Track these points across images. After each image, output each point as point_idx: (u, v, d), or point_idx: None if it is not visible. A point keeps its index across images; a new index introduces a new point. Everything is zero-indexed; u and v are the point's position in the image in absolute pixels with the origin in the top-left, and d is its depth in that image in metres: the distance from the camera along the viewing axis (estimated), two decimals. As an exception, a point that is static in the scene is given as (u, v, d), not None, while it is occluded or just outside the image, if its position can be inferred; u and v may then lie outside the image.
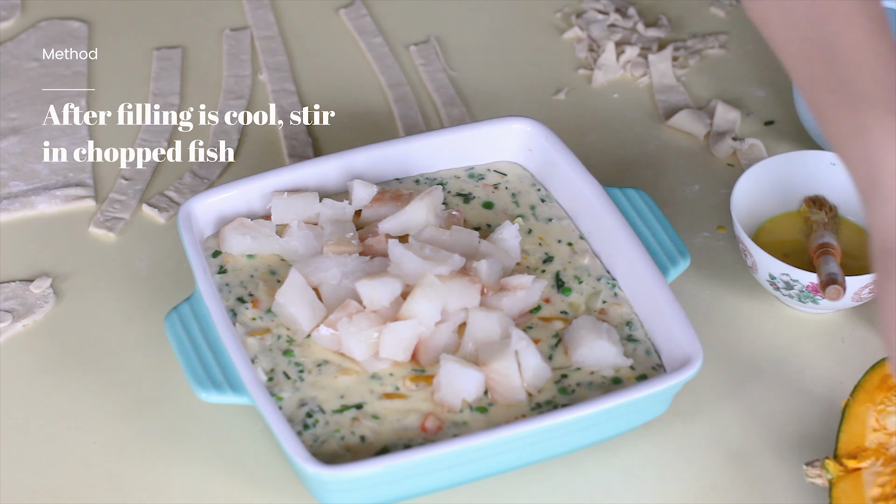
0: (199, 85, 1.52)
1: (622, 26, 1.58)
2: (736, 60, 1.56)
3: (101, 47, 1.56)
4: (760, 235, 1.33)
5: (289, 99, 1.50)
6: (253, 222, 1.26)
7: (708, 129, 1.47)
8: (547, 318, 1.22)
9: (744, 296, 1.31)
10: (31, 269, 1.33)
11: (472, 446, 1.10)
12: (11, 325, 1.28)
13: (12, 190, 1.40)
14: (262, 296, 1.22)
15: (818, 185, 1.35)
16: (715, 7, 1.62)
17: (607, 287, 1.24)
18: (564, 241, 1.28)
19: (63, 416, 1.21)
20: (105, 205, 1.39)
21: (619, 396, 1.13)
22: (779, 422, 1.22)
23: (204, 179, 1.41)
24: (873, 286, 1.23)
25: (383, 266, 1.21)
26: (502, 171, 1.34)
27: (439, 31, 1.58)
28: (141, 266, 1.33)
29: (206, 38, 1.57)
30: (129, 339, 1.27)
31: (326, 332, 1.18)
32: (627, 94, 1.52)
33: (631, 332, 1.21)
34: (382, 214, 1.27)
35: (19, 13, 1.59)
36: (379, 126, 1.47)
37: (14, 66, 1.52)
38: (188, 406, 1.21)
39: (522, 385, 1.16)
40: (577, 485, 1.17)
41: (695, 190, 1.41)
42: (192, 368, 1.15)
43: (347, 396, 1.16)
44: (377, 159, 1.31)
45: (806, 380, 1.25)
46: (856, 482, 1.12)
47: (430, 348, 1.17)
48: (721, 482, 1.18)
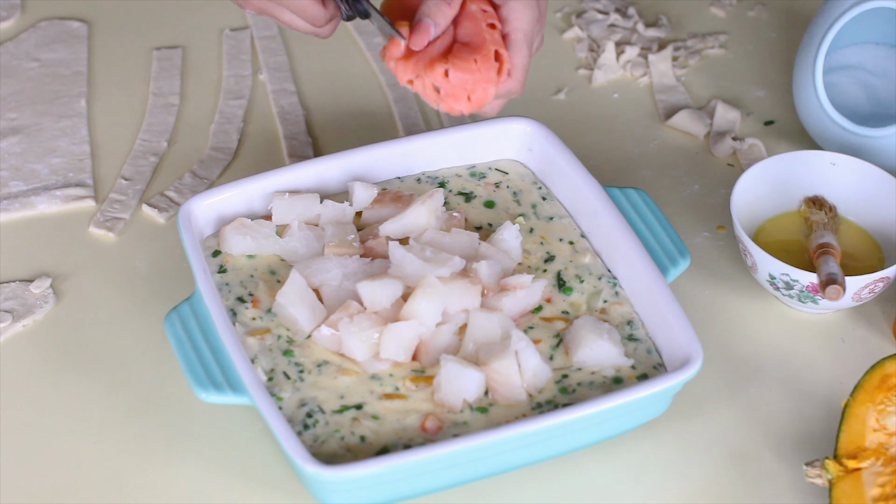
0: (199, 85, 1.52)
1: (622, 26, 1.58)
2: (736, 60, 1.56)
3: (101, 47, 1.56)
4: (760, 235, 1.33)
5: (289, 99, 1.50)
6: (253, 222, 1.26)
7: (708, 129, 1.47)
8: (548, 318, 1.22)
9: (744, 296, 1.31)
10: (31, 269, 1.33)
11: (472, 446, 1.10)
12: (11, 325, 1.28)
13: (12, 190, 1.40)
14: (262, 296, 1.22)
15: (818, 185, 1.35)
16: (715, 7, 1.62)
17: (608, 286, 1.24)
18: (566, 240, 1.28)
19: (63, 416, 1.21)
20: (105, 205, 1.39)
21: (619, 396, 1.13)
22: (779, 422, 1.22)
23: (204, 179, 1.41)
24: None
25: (384, 268, 1.21)
26: (504, 169, 1.34)
27: (439, 31, 1.58)
28: (141, 266, 1.33)
29: (206, 38, 1.57)
30: (129, 339, 1.27)
31: (327, 332, 1.18)
32: (627, 94, 1.52)
33: (632, 331, 1.21)
34: (383, 216, 1.27)
35: (19, 13, 1.59)
36: (379, 126, 1.47)
37: (14, 66, 1.52)
38: (188, 406, 1.21)
39: (522, 385, 1.16)
40: (578, 485, 1.17)
41: (695, 190, 1.41)
42: (192, 368, 1.15)
43: (347, 397, 1.16)
44: (377, 159, 1.31)
45: (806, 380, 1.25)
46: (856, 482, 1.12)
47: (431, 349, 1.18)
48: (721, 482, 1.18)
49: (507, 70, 1.15)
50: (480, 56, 1.14)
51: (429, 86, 1.14)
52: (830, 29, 1.38)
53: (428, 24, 1.14)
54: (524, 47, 1.17)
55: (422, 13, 1.15)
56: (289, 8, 1.19)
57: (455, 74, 1.13)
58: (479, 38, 1.15)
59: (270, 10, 1.20)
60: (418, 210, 1.25)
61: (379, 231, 1.25)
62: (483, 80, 1.14)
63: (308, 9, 1.19)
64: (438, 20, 1.14)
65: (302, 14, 1.19)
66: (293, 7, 1.19)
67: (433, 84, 1.14)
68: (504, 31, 1.17)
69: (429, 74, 1.14)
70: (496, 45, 1.15)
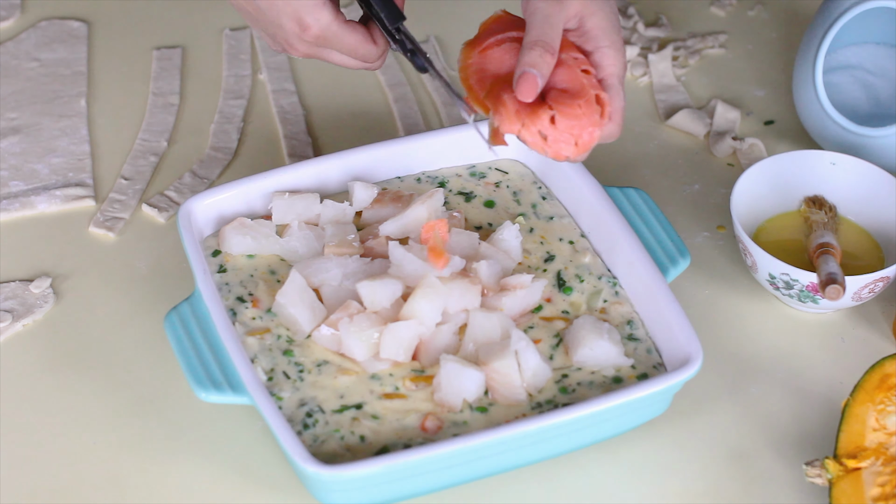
0: (199, 85, 1.52)
1: (622, 26, 1.58)
2: (736, 60, 1.56)
3: (101, 47, 1.56)
4: (760, 235, 1.33)
5: (289, 99, 1.50)
6: (253, 222, 1.26)
7: (708, 129, 1.47)
8: (548, 317, 1.22)
9: (744, 296, 1.31)
10: (30, 269, 1.33)
11: (472, 446, 1.10)
12: (11, 325, 1.28)
13: (12, 190, 1.40)
14: (261, 295, 1.22)
15: (818, 185, 1.35)
16: (715, 7, 1.62)
17: (608, 286, 1.24)
18: (566, 240, 1.28)
19: (63, 416, 1.21)
20: (105, 205, 1.39)
21: (619, 396, 1.13)
22: (779, 422, 1.22)
23: (204, 179, 1.41)
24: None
25: (384, 268, 1.21)
26: (504, 169, 1.34)
27: (439, 31, 1.58)
28: (141, 266, 1.33)
29: (206, 38, 1.57)
30: (129, 339, 1.27)
31: (327, 331, 1.18)
32: (627, 94, 1.51)
33: (632, 330, 1.21)
34: (383, 216, 1.27)
35: (19, 13, 1.59)
36: (379, 126, 1.47)
37: (14, 66, 1.52)
38: (188, 406, 1.21)
39: (522, 385, 1.16)
40: (577, 485, 1.17)
41: (695, 190, 1.41)
42: (191, 368, 1.15)
43: (347, 396, 1.16)
44: (377, 159, 1.31)
45: (806, 380, 1.25)
46: (855, 482, 1.12)
47: (431, 349, 1.18)
48: (721, 482, 1.18)
49: (609, 114, 1.16)
50: (583, 101, 1.14)
51: (535, 133, 1.14)
52: (830, 29, 1.38)
53: (534, 76, 1.13)
54: (620, 90, 1.17)
55: (525, 64, 1.14)
56: (340, 50, 1.19)
57: (562, 121, 1.13)
58: (577, 83, 1.15)
59: (320, 54, 1.20)
60: (418, 210, 1.25)
61: (379, 231, 1.25)
62: (588, 124, 1.14)
63: (360, 49, 1.19)
64: (543, 70, 1.14)
65: (354, 54, 1.19)
66: (345, 49, 1.19)
67: (539, 131, 1.14)
68: (599, 76, 1.17)
69: (535, 122, 1.13)
70: (595, 89, 1.15)
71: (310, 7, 1.16)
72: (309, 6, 1.16)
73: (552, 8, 1.16)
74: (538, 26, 1.15)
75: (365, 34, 1.19)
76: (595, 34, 1.17)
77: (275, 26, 1.18)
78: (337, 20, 1.17)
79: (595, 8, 1.17)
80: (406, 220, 1.25)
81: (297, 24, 1.17)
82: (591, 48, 1.17)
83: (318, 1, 1.16)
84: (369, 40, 1.19)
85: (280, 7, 1.17)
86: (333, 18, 1.17)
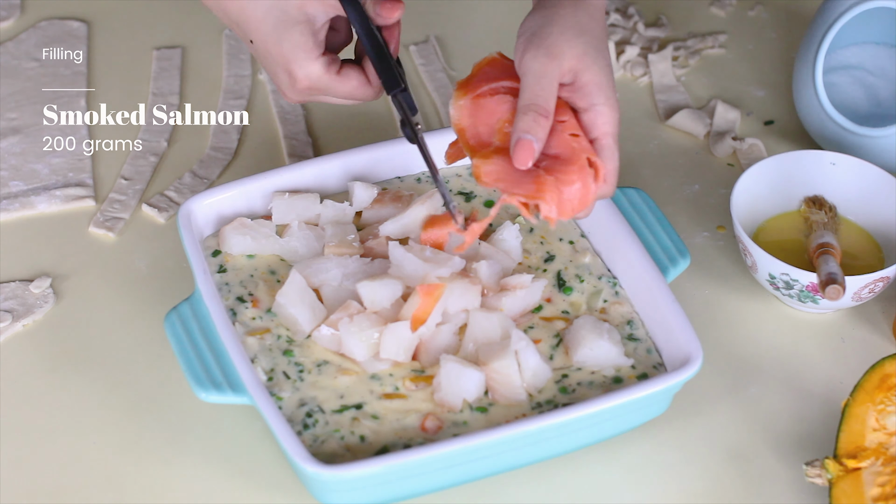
0: (199, 85, 1.52)
1: (622, 26, 1.58)
2: (736, 60, 1.56)
3: (101, 47, 1.56)
4: (760, 235, 1.33)
5: (289, 99, 1.50)
6: (253, 222, 1.26)
7: (708, 129, 1.47)
8: (548, 318, 1.22)
9: (744, 296, 1.31)
10: (30, 269, 1.33)
11: (472, 446, 1.10)
12: (11, 325, 1.28)
13: (12, 190, 1.40)
14: (261, 295, 1.22)
15: (818, 185, 1.35)
16: (715, 7, 1.62)
17: (608, 286, 1.24)
18: (566, 240, 1.28)
19: (63, 416, 1.21)
20: (105, 205, 1.39)
21: (619, 396, 1.13)
22: (779, 422, 1.22)
23: (204, 179, 1.41)
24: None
25: (384, 268, 1.21)
26: (502, 170, 1.34)
27: (439, 31, 1.58)
28: (141, 266, 1.33)
29: (206, 38, 1.57)
30: (129, 339, 1.27)
31: (327, 331, 1.18)
32: (627, 94, 1.52)
33: (632, 330, 1.21)
34: (383, 216, 1.27)
35: (19, 13, 1.59)
36: (379, 126, 1.47)
37: (14, 66, 1.52)
38: (188, 406, 1.21)
39: (522, 385, 1.16)
40: (577, 485, 1.17)
41: (695, 190, 1.41)
42: (191, 368, 1.15)
43: (347, 396, 1.16)
44: (377, 159, 1.31)
45: (806, 380, 1.25)
46: (855, 482, 1.12)
47: (431, 349, 1.18)
48: (721, 482, 1.18)
49: (603, 176, 1.14)
50: (576, 167, 1.13)
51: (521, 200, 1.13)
52: (830, 29, 1.38)
53: (530, 141, 1.11)
54: (615, 151, 1.15)
55: (521, 130, 1.12)
56: (338, 97, 1.19)
57: (563, 189, 1.12)
58: (567, 149, 1.14)
59: (314, 99, 1.20)
60: (418, 210, 1.25)
61: (379, 231, 1.25)
62: (583, 189, 1.13)
63: (355, 94, 1.19)
64: (539, 135, 1.12)
65: (352, 98, 1.19)
66: (339, 96, 1.19)
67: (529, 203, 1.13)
68: (592, 136, 1.15)
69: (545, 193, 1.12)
70: (587, 153, 1.14)
71: (301, 61, 1.15)
72: (300, 59, 1.15)
73: (546, 66, 1.13)
74: (531, 88, 1.13)
75: (360, 79, 1.18)
76: (590, 90, 1.15)
77: (270, 73, 1.19)
78: (328, 73, 1.16)
79: (590, 62, 1.14)
80: (406, 220, 1.25)
81: (287, 75, 1.17)
82: (585, 105, 1.15)
83: (311, 53, 1.15)
84: (364, 83, 1.18)
85: (273, 57, 1.16)
86: (324, 72, 1.16)
